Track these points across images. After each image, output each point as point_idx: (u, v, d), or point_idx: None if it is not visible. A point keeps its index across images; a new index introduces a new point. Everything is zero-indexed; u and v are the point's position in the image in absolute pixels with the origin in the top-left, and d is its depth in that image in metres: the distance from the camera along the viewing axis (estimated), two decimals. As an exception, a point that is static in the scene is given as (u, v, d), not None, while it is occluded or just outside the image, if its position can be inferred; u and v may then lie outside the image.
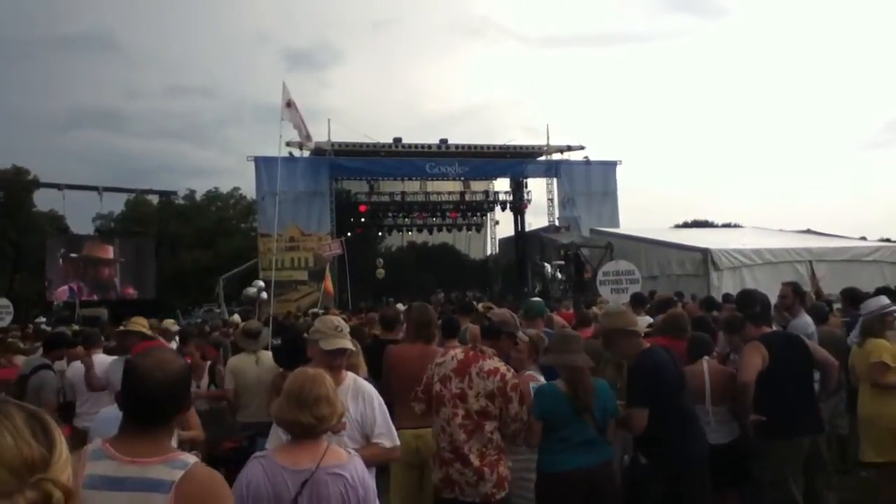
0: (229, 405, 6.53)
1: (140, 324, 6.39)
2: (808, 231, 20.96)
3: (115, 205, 39.35)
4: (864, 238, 18.89)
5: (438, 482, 3.91)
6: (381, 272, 25.80)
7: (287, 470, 2.51)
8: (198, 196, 43.72)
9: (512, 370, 3.98)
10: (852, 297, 7.80)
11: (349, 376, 3.55)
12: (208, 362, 7.47)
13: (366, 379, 4.02)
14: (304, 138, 17.37)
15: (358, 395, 3.43)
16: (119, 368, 5.39)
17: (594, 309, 10.18)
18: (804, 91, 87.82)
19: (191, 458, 2.11)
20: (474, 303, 11.90)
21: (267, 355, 6.56)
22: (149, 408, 2.14)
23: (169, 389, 2.15)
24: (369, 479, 2.69)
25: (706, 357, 4.96)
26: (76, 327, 11.27)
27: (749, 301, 5.77)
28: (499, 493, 3.82)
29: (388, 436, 3.44)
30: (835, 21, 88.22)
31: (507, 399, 3.81)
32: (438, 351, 4.52)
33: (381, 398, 3.56)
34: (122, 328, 6.73)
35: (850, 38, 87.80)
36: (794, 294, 6.34)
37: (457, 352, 4.03)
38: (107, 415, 3.14)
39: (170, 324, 9.22)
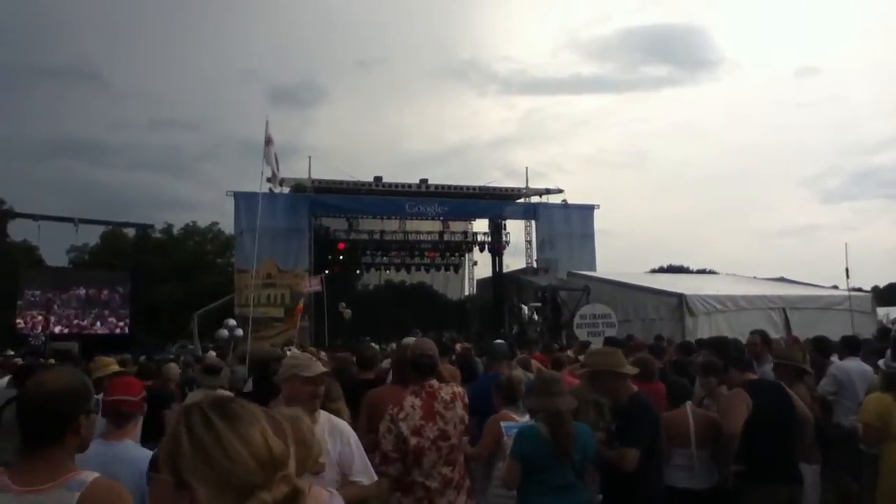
0: None
1: (108, 364, 6.22)
2: (782, 279, 21.26)
3: (91, 237, 38.94)
4: (835, 287, 19.16)
5: None
6: (347, 312, 25.62)
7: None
8: (175, 230, 43.41)
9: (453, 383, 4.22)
10: (822, 347, 7.89)
11: (323, 414, 3.50)
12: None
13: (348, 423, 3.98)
14: (272, 177, 17.42)
15: (335, 434, 3.38)
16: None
17: (569, 352, 10.24)
18: (781, 141, 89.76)
19: (89, 476, 2.05)
20: (451, 343, 11.96)
21: (223, 394, 6.40)
22: (37, 423, 2.07)
23: (57, 400, 2.09)
24: (351, 519, 2.68)
25: (689, 402, 4.97)
26: (52, 361, 11.10)
27: (724, 347, 5.83)
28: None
29: (365, 473, 3.40)
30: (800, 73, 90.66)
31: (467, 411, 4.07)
32: None
33: (356, 435, 3.54)
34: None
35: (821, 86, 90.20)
36: (762, 342, 6.39)
37: (413, 399, 3.89)
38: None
39: None
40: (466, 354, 9.37)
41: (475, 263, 34.58)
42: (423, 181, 28.22)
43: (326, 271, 24.79)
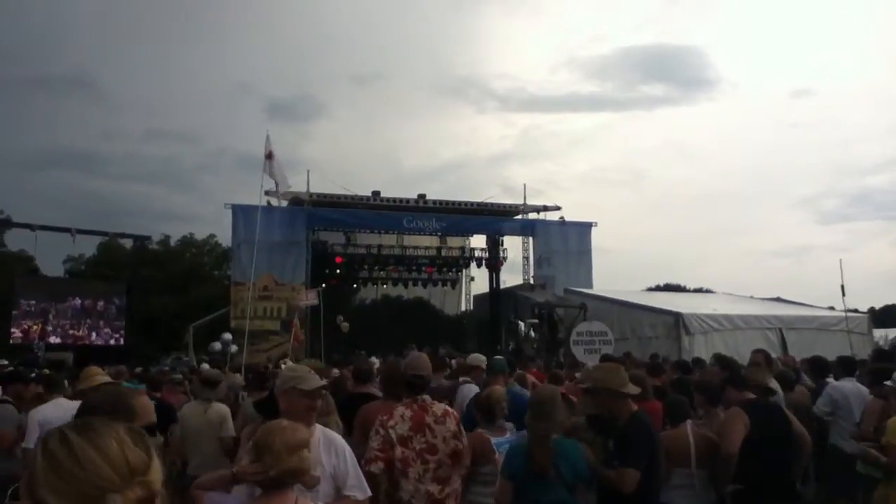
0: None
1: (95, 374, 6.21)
2: (778, 299, 21.29)
3: (88, 247, 38.86)
4: (832, 307, 19.19)
5: None
6: (345, 325, 25.58)
7: (256, 524, 2.48)
8: (172, 241, 43.39)
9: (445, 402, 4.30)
10: (818, 367, 7.90)
11: (318, 428, 3.49)
12: None
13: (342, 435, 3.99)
14: (277, 192, 17.46)
15: (330, 448, 3.38)
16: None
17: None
18: (777, 161, 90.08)
19: None
20: (447, 359, 11.94)
21: (219, 407, 6.39)
22: None
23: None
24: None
25: (689, 420, 4.94)
26: (46, 371, 11.08)
27: (726, 366, 5.84)
28: None
29: (359, 487, 3.40)
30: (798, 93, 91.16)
31: (461, 429, 4.14)
32: None
33: (350, 449, 3.54)
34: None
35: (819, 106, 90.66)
36: (765, 361, 6.40)
37: (402, 410, 3.99)
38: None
39: None
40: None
41: (472, 279, 34.61)
42: (421, 196, 28.28)
43: (323, 285, 24.72)
